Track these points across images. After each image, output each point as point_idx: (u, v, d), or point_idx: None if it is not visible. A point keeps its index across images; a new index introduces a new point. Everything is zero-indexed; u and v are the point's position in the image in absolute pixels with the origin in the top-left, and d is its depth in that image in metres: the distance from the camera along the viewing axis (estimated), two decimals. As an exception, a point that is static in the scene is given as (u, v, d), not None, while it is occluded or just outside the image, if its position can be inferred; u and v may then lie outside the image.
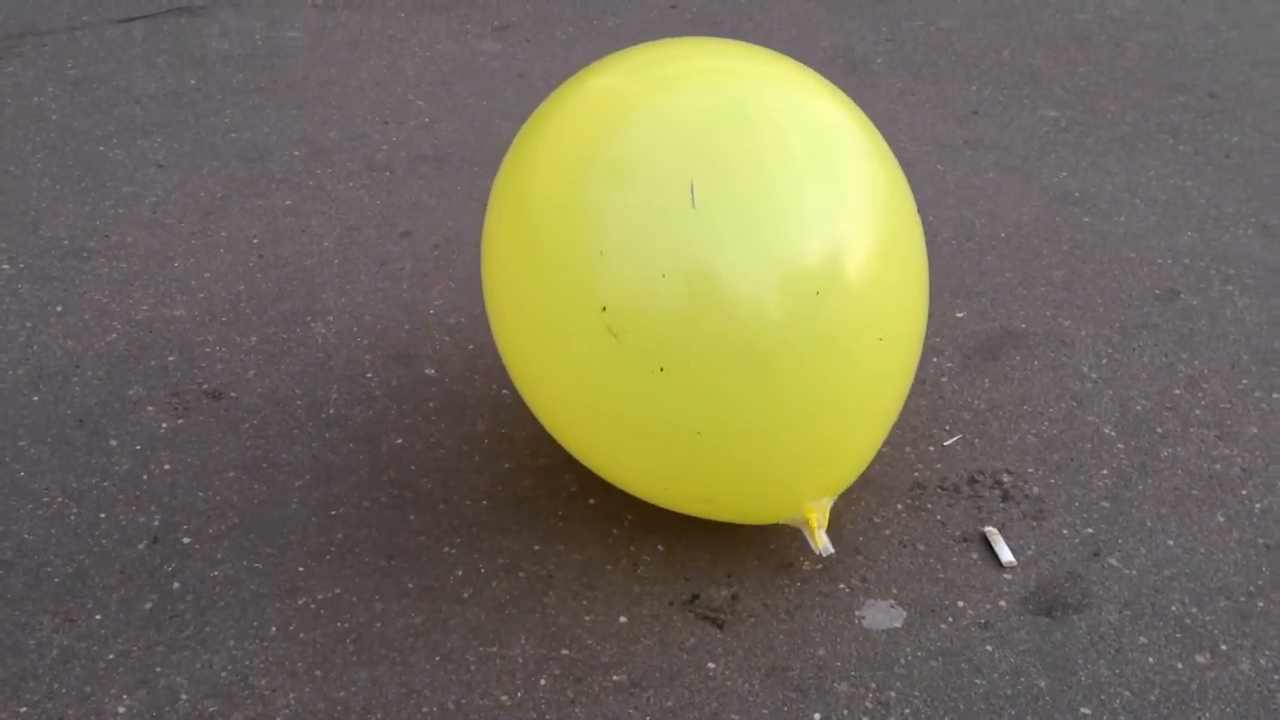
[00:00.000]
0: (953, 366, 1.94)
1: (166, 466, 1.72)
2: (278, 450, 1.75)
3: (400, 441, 1.77)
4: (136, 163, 2.53)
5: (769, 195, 1.37)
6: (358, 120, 2.73)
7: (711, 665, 1.43)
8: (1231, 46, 3.14)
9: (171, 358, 1.95)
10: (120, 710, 1.37)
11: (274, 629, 1.47)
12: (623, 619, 1.49)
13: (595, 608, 1.50)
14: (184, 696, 1.39)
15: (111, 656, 1.44)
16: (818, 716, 1.36)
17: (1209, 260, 2.23)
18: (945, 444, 1.78)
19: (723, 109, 1.42)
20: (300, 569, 1.55)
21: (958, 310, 2.08)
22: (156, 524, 1.62)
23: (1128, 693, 1.40)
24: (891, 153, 1.53)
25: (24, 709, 1.37)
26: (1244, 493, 1.69)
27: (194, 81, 2.78)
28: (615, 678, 1.41)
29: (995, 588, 1.54)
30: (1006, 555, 1.58)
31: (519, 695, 1.39)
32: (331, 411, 1.83)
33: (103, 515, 1.64)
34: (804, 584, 1.54)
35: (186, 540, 1.60)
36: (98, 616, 1.49)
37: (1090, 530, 1.63)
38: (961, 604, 1.52)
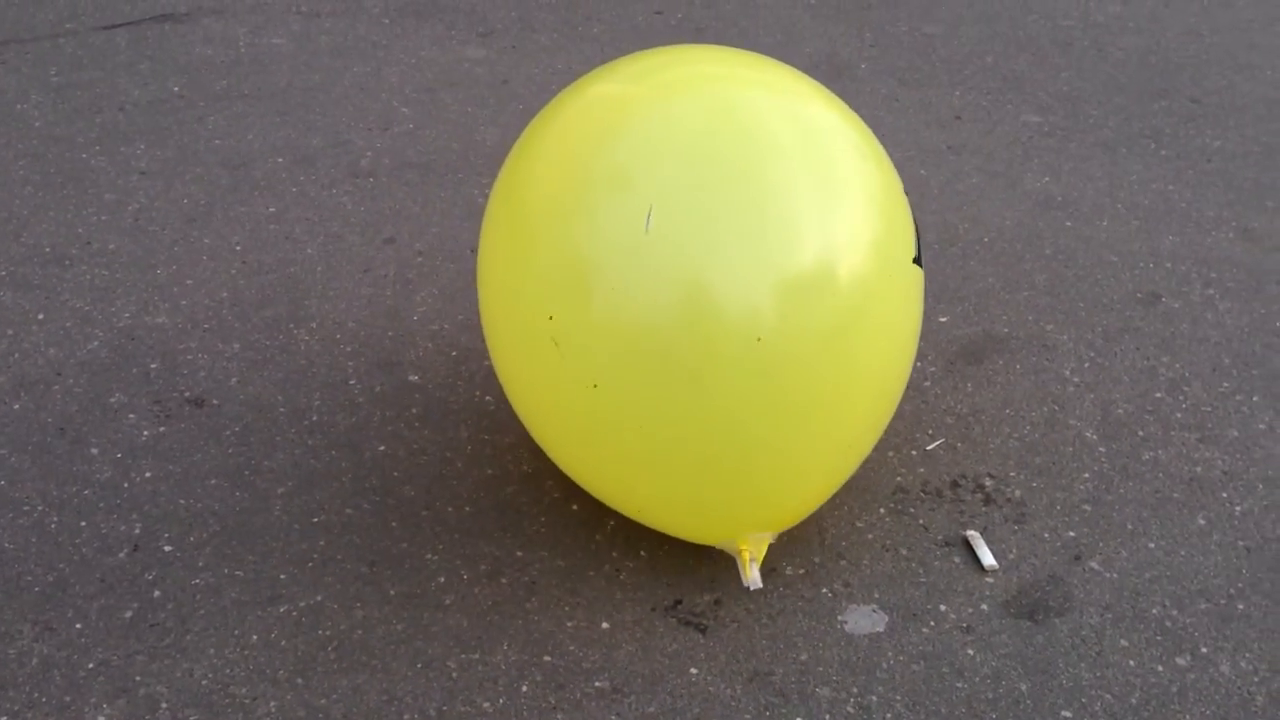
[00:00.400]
0: (935, 371, 1.95)
1: (148, 474, 1.72)
2: (260, 457, 1.75)
3: (383, 448, 1.77)
4: (119, 170, 2.52)
5: (760, 206, 1.36)
6: (341, 127, 2.72)
7: (694, 670, 1.43)
8: (1213, 52, 3.15)
9: (153, 365, 1.94)
10: (100, 719, 1.36)
11: (255, 637, 1.47)
12: (605, 625, 1.49)
13: (578, 614, 1.50)
14: (164, 705, 1.38)
15: (91, 665, 1.43)
16: (799, 721, 1.36)
17: (1190, 264, 2.24)
18: (928, 448, 1.78)
19: (719, 116, 1.41)
20: (282, 576, 1.55)
21: (941, 315, 2.09)
22: (137, 532, 1.62)
23: (1109, 695, 1.40)
24: (888, 160, 1.53)
25: (3, 718, 1.36)
26: (1224, 495, 1.70)
27: (177, 88, 2.78)
28: (597, 684, 1.41)
29: (977, 591, 1.54)
30: (988, 559, 1.58)
31: (501, 702, 1.39)
32: (314, 418, 1.83)
33: (83, 523, 1.63)
34: (786, 589, 1.54)
35: (167, 548, 1.59)
36: (78, 625, 1.48)
37: (1072, 534, 1.63)
38: (943, 608, 1.52)
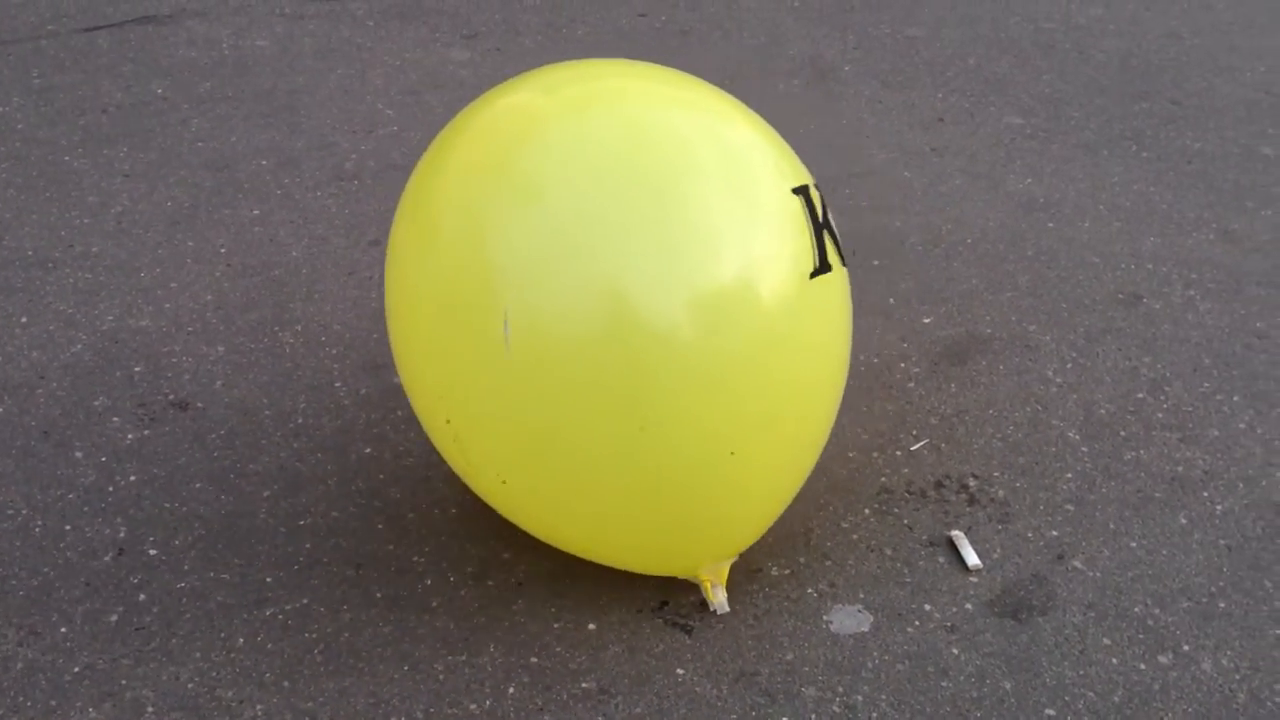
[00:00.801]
0: (919, 372, 1.96)
1: (133, 478, 1.71)
2: (245, 461, 1.75)
3: (369, 451, 1.77)
4: (102, 172, 2.52)
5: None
6: (326, 129, 2.72)
7: (680, 671, 1.43)
8: (1193, 54, 3.17)
9: (138, 368, 1.94)
10: (86, 723, 1.36)
11: (241, 640, 1.46)
12: (592, 626, 1.49)
13: (564, 615, 1.51)
14: (150, 709, 1.38)
15: (77, 669, 1.43)
16: (785, 721, 1.37)
17: (1171, 265, 2.25)
18: (912, 449, 1.79)
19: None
20: (268, 579, 1.55)
21: (925, 316, 2.10)
22: (122, 536, 1.61)
23: (1092, 694, 1.41)
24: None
25: (-12, 723, 1.36)
26: (1205, 494, 1.71)
27: (160, 91, 2.77)
28: (584, 685, 1.41)
29: (961, 591, 1.55)
30: (972, 559, 1.59)
31: (488, 704, 1.39)
32: (299, 421, 1.83)
33: (68, 527, 1.63)
34: (772, 589, 1.55)
35: (153, 552, 1.59)
36: (63, 629, 1.48)
37: (1055, 533, 1.65)
38: (928, 607, 1.53)
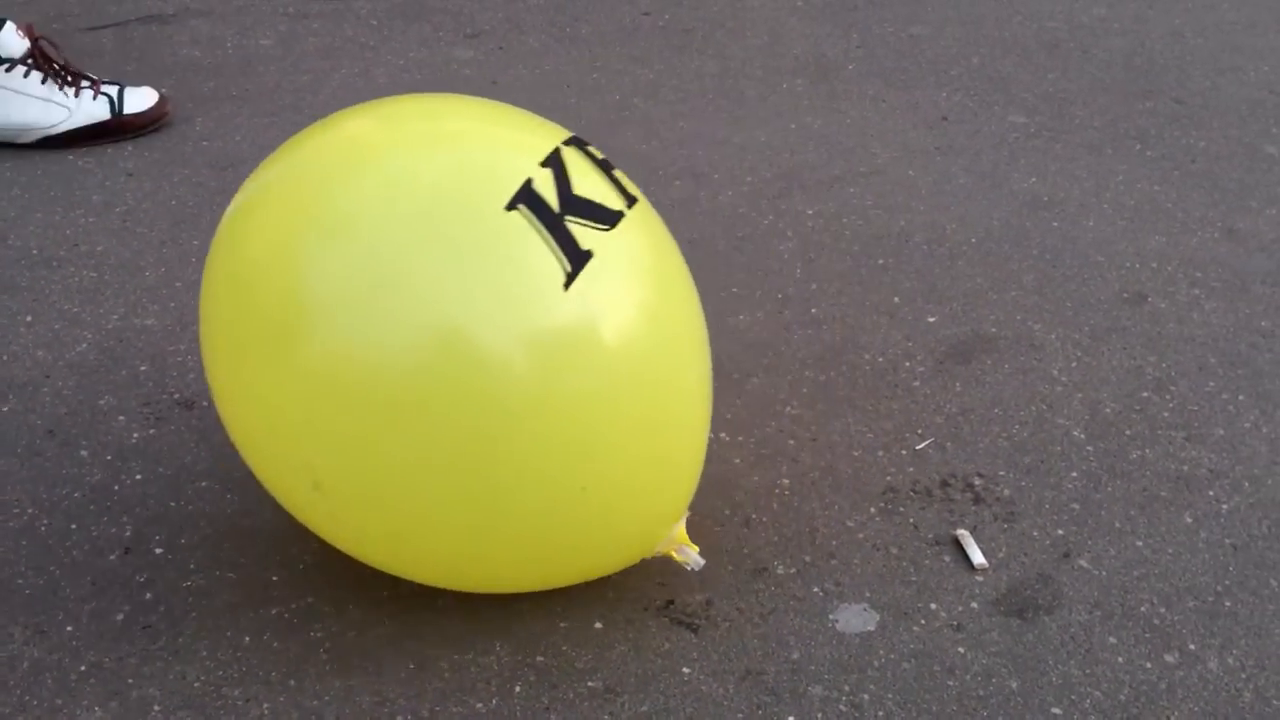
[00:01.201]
0: (924, 370, 1.96)
1: (138, 477, 1.71)
2: (250, 459, 1.75)
3: (374, 449, 1.77)
4: (106, 171, 2.52)
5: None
6: (330, 128, 2.72)
7: (686, 670, 1.43)
8: (1198, 53, 3.17)
9: (143, 367, 1.94)
10: (92, 722, 1.36)
11: (247, 639, 1.46)
12: (598, 625, 1.49)
13: (570, 614, 1.51)
14: (157, 708, 1.38)
15: (83, 668, 1.43)
16: (792, 719, 1.37)
17: (1176, 264, 2.25)
18: (917, 448, 1.79)
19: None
20: (274, 578, 1.55)
21: (929, 315, 2.10)
22: (128, 535, 1.62)
23: (1098, 692, 1.41)
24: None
25: (-5, 722, 1.36)
26: (1211, 494, 1.71)
27: (164, 89, 2.77)
28: (590, 684, 1.41)
29: (967, 590, 1.55)
30: (978, 558, 1.59)
31: (494, 703, 1.39)
32: (304, 420, 1.82)
33: (74, 526, 1.63)
34: (778, 588, 1.55)
35: (159, 551, 1.59)
36: (69, 628, 1.48)
37: (1060, 532, 1.65)
38: (934, 606, 1.53)
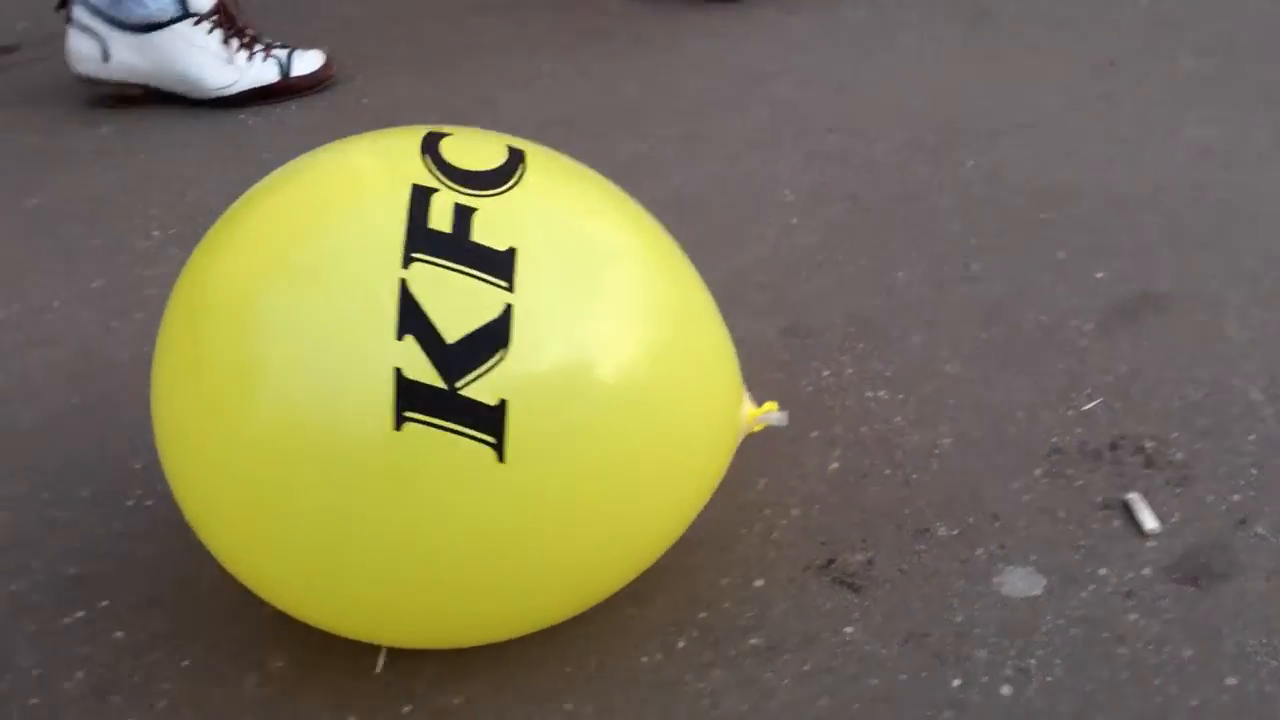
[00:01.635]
0: (1092, 329, 1.91)
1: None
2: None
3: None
4: (275, 129, 2.61)
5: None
6: (486, 85, 2.74)
7: (848, 630, 1.44)
8: (1388, -13, 2.98)
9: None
10: (279, 663, 1.43)
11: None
12: (758, 583, 1.50)
13: (731, 571, 1.52)
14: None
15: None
16: (957, 683, 1.36)
17: (1364, 216, 2.14)
18: (1084, 408, 1.75)
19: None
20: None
21: (1097, 270, 2.04)
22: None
23: (1275, 662, 1.37)
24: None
25: None
26: (1402, 460, 1.64)
27: (327, 48, 2.84)
28: (753, 641, 1.43)
29: (1138, 555, 1.52)
30: (1150, 523, 1.55)
31: (658, 657, 1.42)
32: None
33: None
34: (940, 550, 1.54)
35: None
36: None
37: (1237, 497, 1.59)
38: (1104, 571, 1.50)
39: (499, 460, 1.12)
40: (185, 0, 2.61)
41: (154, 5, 2.59)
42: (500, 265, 1.15)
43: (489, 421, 1.11)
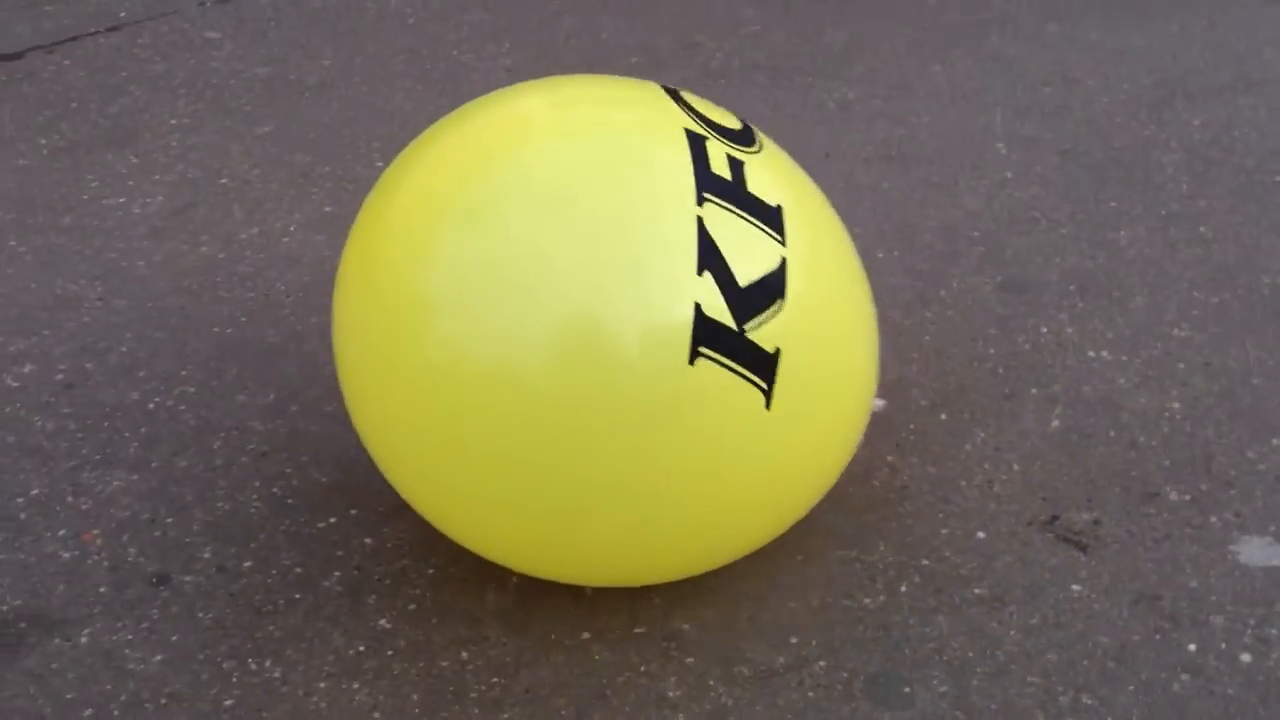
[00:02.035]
0: (1329, 298, 1.84)
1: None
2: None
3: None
4: (488, 67, 2.66)
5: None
6: (690, 28, 2.73)
7: (1076, 587, 1.43)
8: None
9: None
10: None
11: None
12: (981, 535, 1.51)
13: (951, 521, 1.53)
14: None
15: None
16: (1193, 647, 1.35)
17: None
18: (1322, 380, 1.69)
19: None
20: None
21: (1334, 238, 1.96)
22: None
23: None
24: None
25: None
26: None
27: (536, -12, 2.88)
28: (977, 591, 1.43)
29: (1381, 532, 1.47)
30: (1394, 500, 1.50)
31: (881, 599, 1.43)
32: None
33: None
34: (1171, 514, 1.51)
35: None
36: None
37: None
38: (1345, 546, 1.46)
39: (765, 407, 1.15)
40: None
41: None
42: (773, 219, 1.17)
43: (765, 368, 1.14)
